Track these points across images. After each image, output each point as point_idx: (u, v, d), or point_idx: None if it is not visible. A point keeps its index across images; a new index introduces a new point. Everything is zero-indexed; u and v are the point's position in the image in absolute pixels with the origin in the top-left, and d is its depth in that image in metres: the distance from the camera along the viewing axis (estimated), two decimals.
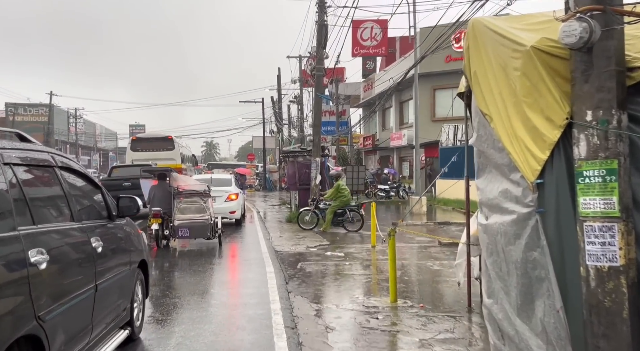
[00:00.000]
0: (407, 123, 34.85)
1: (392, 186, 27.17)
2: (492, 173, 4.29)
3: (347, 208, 14.88)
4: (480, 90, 4.11)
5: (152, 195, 12.50)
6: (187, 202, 12.27)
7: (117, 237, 5.01)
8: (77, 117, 65.22)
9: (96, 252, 4.15)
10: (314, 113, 17.52)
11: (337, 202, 14.73)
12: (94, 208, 4.69)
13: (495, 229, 4.01)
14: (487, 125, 4.10)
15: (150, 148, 26.10)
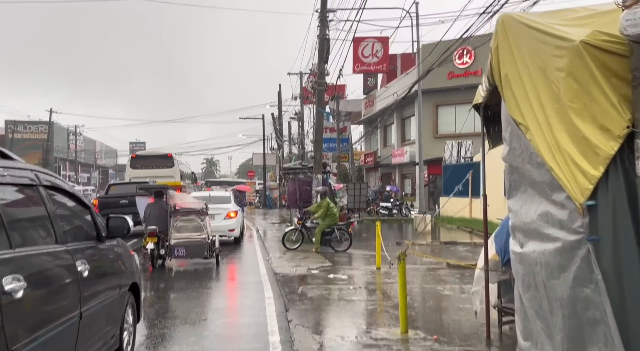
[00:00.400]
0: (409, 140, 34.33)
1: (395, 204, 26.53)
2: (527, 193, 3.66)
3: (335, 227, 14.36)
4: (513, 96, 3.51)
5: (148, 213, 12.06)
6: (184, 220, 11.76)
7: (106, 259, 4.76)
8: (77, 135, 64.77)
9: (82, 276, 3.87)
10: (315, 129, 16.97)
11: (326, 221, 14.13)
12: (81, 229, 4.44)
13: (533, 259, 3.38)
14: (522, 136, 3.49)
15: (149, 165, 25.84)
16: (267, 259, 12.94)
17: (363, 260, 12.98)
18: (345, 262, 12.62)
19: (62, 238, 3.83)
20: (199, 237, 11.59)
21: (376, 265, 11.33)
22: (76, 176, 65.64)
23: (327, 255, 13.59)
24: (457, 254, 14.21)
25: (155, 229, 11.36)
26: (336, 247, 14.12)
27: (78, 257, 3.95)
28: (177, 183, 24.95)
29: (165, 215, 11.83)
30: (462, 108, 29.87)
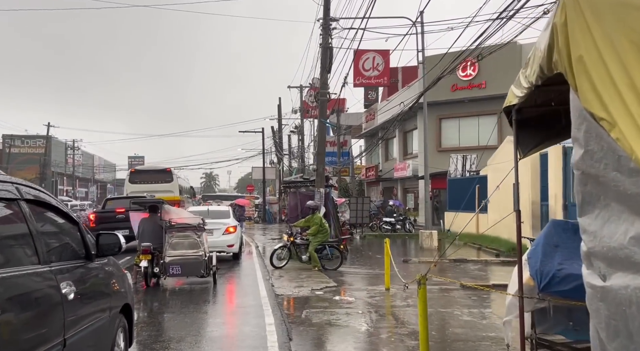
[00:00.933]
0: (411, 154, 33.59)
1: (398, 219, 25.67)
2: (611, 209, 2.81)
3: (327, 243, 13.60)
4: (591, 84, 2.70)
5: (142, 229, 11.39)
6: (179, 236, 11.06)
7: (95, 280, 4.46)
8: (75, 149, 64.02)
9: (66, 299, 3.58)
10: (317, 140, 16.20)
11: (319, 237, 13.35)
12: (68, 248, 4.18)
13: (626, 297, 2.54)
14: (604, 135, 2.66)
15: (148, 180, 25.59)
16: (267, 278, 12.07)
17: (369, 279, 12.12)
18: (350, 281, 11.75)
19: (46, 258, 3.53)
20: (196, 254, 10.90)
21: (385, 285, 10.46)
22: (74, 191, 64.78)
23: (330, 274, 12.72)
24: (468, 273, 13.35)
25: (149, 246, 10.74)
26: (327, 266, 13.28)
27: (63, 278, 3.66)
28: (176, 198, 24.80)
29: (160, 231, 11.18)
30: (466, 121, 29.20)
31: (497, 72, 27.24)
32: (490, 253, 17.08)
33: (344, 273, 13.13)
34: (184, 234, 11.08)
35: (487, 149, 27.42)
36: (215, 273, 11.29)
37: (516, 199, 5.82)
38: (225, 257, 16.58)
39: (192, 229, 11.17)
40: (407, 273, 11.94)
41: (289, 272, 12.96)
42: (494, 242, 18.78)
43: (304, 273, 12.63)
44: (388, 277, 10.42)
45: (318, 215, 13.58)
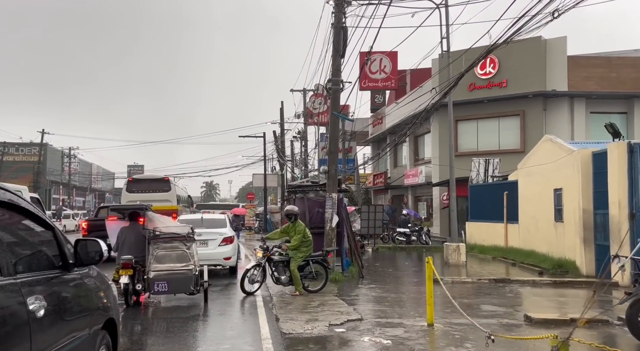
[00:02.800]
0: (422, 159, 30.90)
1: (413, 229, 22.92)
2: None
3: (311, 259, 10.76)
4: None
5: (122, 239, 9.90)
6: (165, 248, 9.46)
7: (72, 292, 3.87)
8: (72, 157, 61.38)
9: (34, 317, 3.09)
10: (329, 137, 13.54)
11: (303, 251, 10.53)
12: (40, 256, 3.68)
13: None
14: None
15: (146, 189, 24.42)
16: (269, 305, 9.34)
17: (399, 307, 9.36)
18: (376, 311, 8.99)
19: (10, 269, 3.09)
20: (184, 268, 9.32)
21: (427, 319, 7.71)
22: (69, 199, 62.08)
23: (348, 298, 10.00)
24: (522, 297, 10.60)
25: (130, 259, 9.22)
26: (310, 286, 10.60)
27: (31, 292, 3.18)
28: (174, 207, 23.58)
29: (143, 241, 9.70)
30: (484, 123, 26.55)
31: (520, 69, 24.66)
32: (530, 271, 14.33)
33: (363, 297, 10.42)
34: (171, 245, 9.47)
35: (509, 154, 24.79)
36: (206, 290, 9.74)
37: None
38: (221, 270, 14.49)
39: (180, 239, 9.56)
40: (446, 300, 9.23)
41: (296, 298, 10.21)
42: (529, 257, 16.04)
43: (316, 299, 9.88)
44: (431, 310, 7.68)
45: (300, 223, 10.78)
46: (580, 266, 13.34)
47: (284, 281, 10.49)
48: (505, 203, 18.98)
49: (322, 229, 13.28)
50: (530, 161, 17.32)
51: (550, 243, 15.54)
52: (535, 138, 24.79)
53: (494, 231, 19.74)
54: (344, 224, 13.55)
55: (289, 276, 10.41)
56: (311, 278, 10.73)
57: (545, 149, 16.29)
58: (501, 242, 19.19)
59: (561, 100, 24.51)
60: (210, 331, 7.75)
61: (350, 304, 9.40)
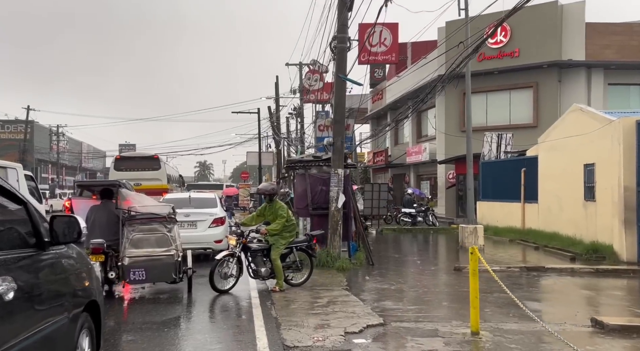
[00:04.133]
0: (426, 136, 29.08)
1: (419, 209, 21.18)
2: None
3: (295, 246, 8.79)
4: None
5: (92, 220, 8.59)
6: (143, 230, 8.23)
7: (47, 273, 3.57)
8: (60, 135, 59.06)
9: (1, 300, 2.82)
10: (334, 104, 11.67)
11: (286, 237, 8.55)
12: (11, 234, 3.37)
13: None
14: None
15: (134, 167, 23.37)
16: (267, 302, 7.57)
17: (426, 304, 7.61)
18: (398, 310, 7.21)
19: None
20: (165, 253, 8.08)
21: (471, 326, 5.96)
22: (59, 179, 59.96)
23: (361, 293, 8.26)
24: (568, 292, 8.88)
25: (101, 243, 7.98)
26: (293, 279, 8.76)
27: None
28: (164, 187, 22.58)
29: (116, 223, 8.45)
30: (495, 96, 24.66)
31: (533, 37, 22.69)
32: (559, 256, 12.64)
33: (378, 291, 8.64)
34: (149, 227, 8.26)
35: (521, 129, 23.00)
36: (190, 278, 8.54)
37: None
38: (211, 254, 12.52)
39: (159, 221, 8.34)
40: (483, 296, 7.54)
41: (299, 292, 8.45)
42: (553, 240, 14.34)
43: (324, 294, 8.10)
44: (477, 314, 5.91)
45: (280, 203, 8.84)
46: (620, 251, 11.64)
47: (263, 274, 8.45)
48: (523, 181, 17.22)
49: (326, 210, 11.48)
50: (554, 134, 15.51)
51: (578, 224, 13.83)
52: (549, 112, 22.99)
53: (509, 211, 18.02)
54: (350, 204, 11.75)
55: (270, 268, 8.41)
56: (295, 268, 8.77)
57: (574, 120, 14.46)
58: (517, 223, 17.48)
59: (578, 71, 22.65)
60: (191, 346, 5.97)
61: (365, 301, 7.65)
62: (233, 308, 7.54)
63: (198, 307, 7.52)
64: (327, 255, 11.02)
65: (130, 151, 68.46)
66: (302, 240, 8.99)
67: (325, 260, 10.88)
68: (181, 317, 7.00)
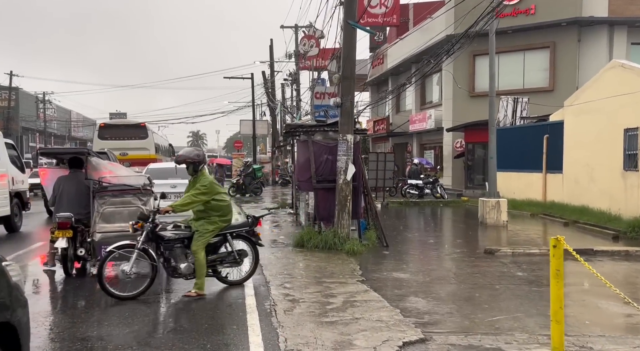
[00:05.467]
0: (431, 103, 27.15)
1: (427, 181, 19.47)
2: None
3: (230, 232, 6.62)
4: None
5: (60, 191, 7.77)
6: (114, 203, 7.56)
7: None
8: (47, 102, 56.57)
9: None
10: (343, 57, 9.74)
11: (213, 222, 6.39)
12: None
13: None
14: None
15: (120, 136, 22.29)
16: (265, 303, 5.86)
17: (468, 303, 5.92)
18: (441, 315, 5.52)
19: None
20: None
21: (552, 343, 4.25)
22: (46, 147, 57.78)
23: (382, 287, 6.57)
24: (632, 280, 7.21)
25: (68, 217, 7.29)
26: (229, 275, 6.74)
27: None
28: (152, 157, 21.59)
29: (86, 195, 7.70)
30: (507, 58, 22.63)
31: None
32: (598, 234, 10.98)
33: (402, 283, 6.95)
34: (122, 200, 7.58)
35: (536, 93, 21.13)
36: None
37: None
38: None
39: (133, 193, 7.66)
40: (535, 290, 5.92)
41: (303, 280, 6.76)
42: (583, 214, 12.69)
43: (335, 289, 6.39)
44: (561, 331, 4.19)
45: (206, 175, 6.48)
46: None
47: (184, 271, 6.27)
48: (545, 149, 15.48)
49: (332, 183, 9.73)
50: (586, 95, 13.69)
51: (615, 197, 12.17)
52: (567, 75, 21.07)
53: (528, 182, 16.34)
54: (360, 176, 9.97)
55: (193, 264, 6.27)
56: (232, 261, 6.59)
57: (612, 79, 12.64)
58: (537, 196, 15.82)
59: (599, 29, 20.64)
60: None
61: (390, 299, 5.95)
62: (222, 311, 5.80)
63: (172, 316, 5.80)
64: (335, 235, 9.34)
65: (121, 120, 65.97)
66: (241, 225, 6.78)
67: (333, 242, 9.21)
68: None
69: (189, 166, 6.43)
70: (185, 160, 6.43)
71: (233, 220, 6.72)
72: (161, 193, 6.83)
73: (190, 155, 6.46)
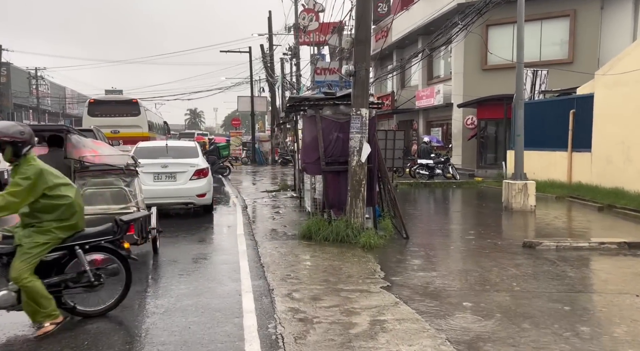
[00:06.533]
0: (438, 77, 25.59)
1: (438, 160, 18.06)
2: None
3: (81, 243, 4.50)
4: None
5: None
6: (96, 184, 6.93)
7: None
8: (39, 78, 54.66)
9: None
10: (356, 17, 8.22)
11: (45, 232, 4.27)
12: None
13: None
14: None
15: (111, 113, 21.08)
16: (270, 332, 4.50)
17: (534, 324, 4.56)
18: (505, 346, 4.16)
19: None
20: (123, 211, 6.67)
21: None
22: None
23: (415, 298, 5.24)
24: None
25: None
26: (81, 304, 4.61)
27: None
28: (144, 134, 20.57)
29: (67, 175, 6.06)
30: None
31: None
32: (638, 221, 9.64)
33: (440, 292, 5.61)
34: (103, 181, 7.00)
35: (554, 65, 19.59)
36: (155, 240, 7.23)
37: None
38: (188, 211, 11.38)
39: (116, 173, 7.02)
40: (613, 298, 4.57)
41: (314, 297, 5.40)
42: (618, 197, 11.33)
43: (357, 302, 5.03)
44: None
45: (32, 161, 4.28)
46: None
47: (5, 301, 4.24)
48: (571, 126, 14.05)
49: (344, 165, 8.33)
50: (622, 65, 12.19)
51: None
52: (588, 46, 19.49)
53: (551, 161, 14.94)
54: (376, 157, 8.56)
55: (17, 290, 4.22)
56: (87, 284, 4.52)
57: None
58: (561, 176, 14.44)
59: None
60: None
61: (429, 317, 4.59)
62: (214, 339, 4.42)
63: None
64: (347, 225, 7.97)
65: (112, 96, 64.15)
66: (99, 232, 4.65)
67: (345, 234, 7.85)
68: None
69: (3, 147, 4.21)
70: (18, 137, 4.22)
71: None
72: None
73: (7, 132, 4.20)
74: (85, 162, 6.96)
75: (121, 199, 6.90)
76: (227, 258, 7.01)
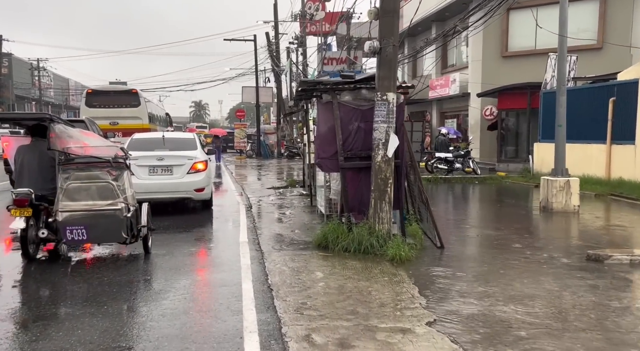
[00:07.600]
0: (453, 66, 24.07)
1: (457, 154, 16.62)
2: None
3: None
4: None
5: (20, 163, 6.56)
6: (80, 177, 6.12)
7: None
8: (42, 69, 53.38)
9: None
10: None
11: None
12: None
13: None
14: None
15: (110, 104, 20.25)
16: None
17: None
18: None
19: None
20: (110, 207, 6.04)
21: None
22: None
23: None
24: None
25: (27, 194, 6.10)
26: None
27: None
28: (144, 126, 19.78)
29: (52, 167, 6.44)
30: (546, 12, 19.38)
31: None
32: None
33: (506, 331, 4.21)
34: (88, 174, 6.15)
35: (581, 51, 18.07)
36: (146, 238, 6.54)
37: None
38: (185, 206, 10.61)
39: (102, 166, 6.20)
40: None
41: (332, 320, 3.99)
42: None
43: (395, 340, 3.64)
44: None
45: None
46: None
47: None
48: (611, 115, 12.58)
49: (366, 161, 6.93)
50: None
51: None
52: (620, 30, 17.86)
53: (586, 155, 13.47)
54: (403, 151, 7.13)
55: None
56: None
57: None
58: (598, 172, 12.98)
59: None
60: None
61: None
62: None
63: None
64: (371, 233, 6.58)
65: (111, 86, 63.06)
66: None
67: (370, 243, 6.45)
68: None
69: None
70: None
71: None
72: None
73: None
74: (70, 153, 6.31)
75: (108, 194, 6.13)
76: (226, 278, 5.61)
